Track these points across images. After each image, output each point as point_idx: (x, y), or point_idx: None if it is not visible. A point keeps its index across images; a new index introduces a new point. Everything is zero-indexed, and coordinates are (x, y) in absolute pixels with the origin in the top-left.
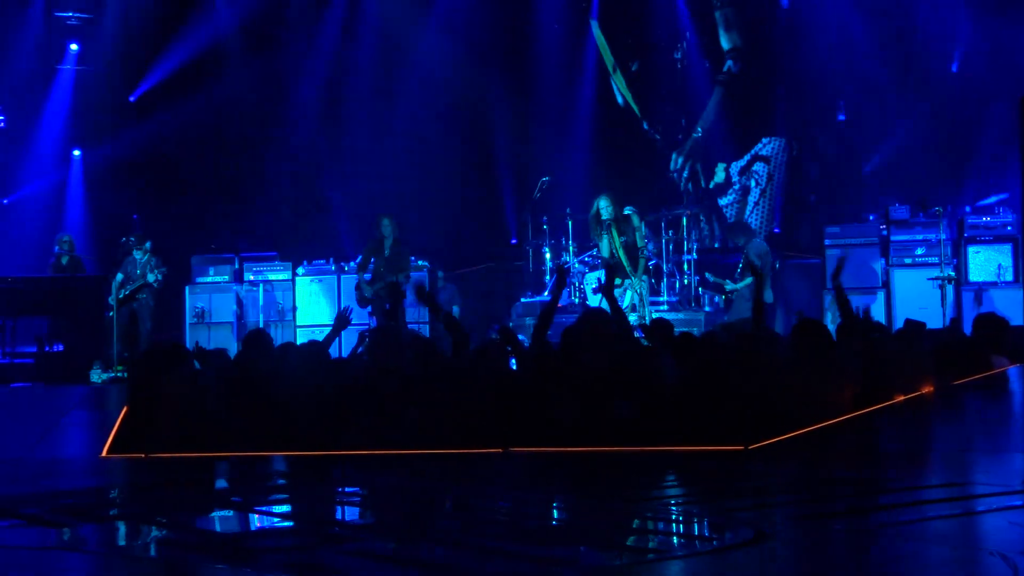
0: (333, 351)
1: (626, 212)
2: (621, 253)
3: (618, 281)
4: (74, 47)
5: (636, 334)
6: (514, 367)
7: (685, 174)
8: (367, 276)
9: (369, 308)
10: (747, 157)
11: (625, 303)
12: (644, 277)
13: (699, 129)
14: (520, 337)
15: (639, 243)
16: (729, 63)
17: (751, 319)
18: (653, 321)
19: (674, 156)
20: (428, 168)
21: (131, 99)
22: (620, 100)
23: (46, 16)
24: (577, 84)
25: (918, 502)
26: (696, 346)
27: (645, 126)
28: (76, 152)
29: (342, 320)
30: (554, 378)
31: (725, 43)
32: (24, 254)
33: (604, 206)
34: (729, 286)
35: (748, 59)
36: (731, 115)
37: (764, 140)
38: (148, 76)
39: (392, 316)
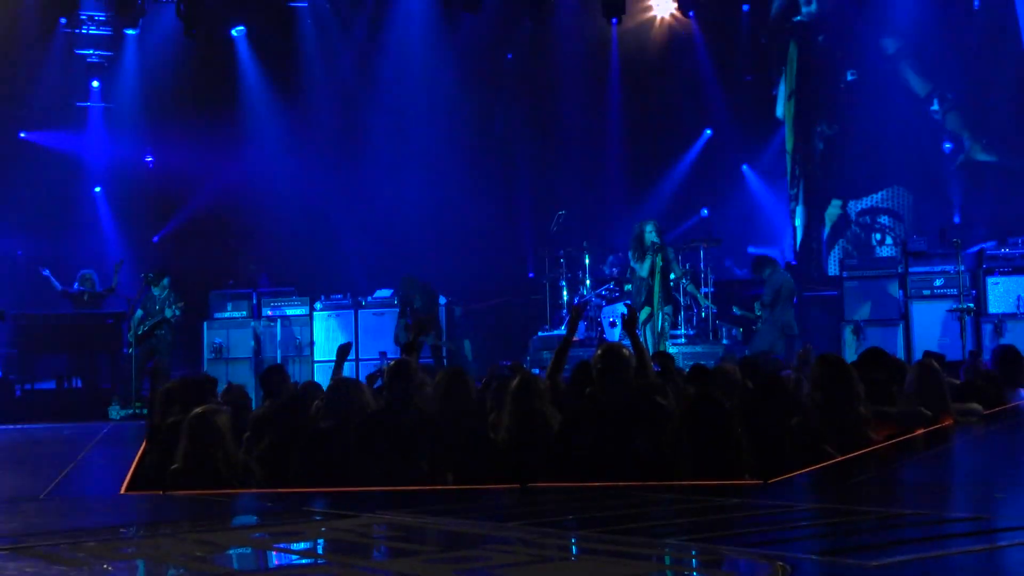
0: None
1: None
2: (658, 279)
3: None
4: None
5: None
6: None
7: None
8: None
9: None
10: None
11: (645, 335)
12: (668, 308)
13: None
14: (536, 371)
15: (675, 273)
16: None
17: (773, 351)
18: (655, 355)
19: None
20: (444, 202)
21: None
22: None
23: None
24: (599, 118)
25: (940, 536)
26: (710, 378)
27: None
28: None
29: (342, 352)
30: (571, 414)
31: None
32: None
33: (650, 230)
34: (759, 310)
35: None
36: None
37: None
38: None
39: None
